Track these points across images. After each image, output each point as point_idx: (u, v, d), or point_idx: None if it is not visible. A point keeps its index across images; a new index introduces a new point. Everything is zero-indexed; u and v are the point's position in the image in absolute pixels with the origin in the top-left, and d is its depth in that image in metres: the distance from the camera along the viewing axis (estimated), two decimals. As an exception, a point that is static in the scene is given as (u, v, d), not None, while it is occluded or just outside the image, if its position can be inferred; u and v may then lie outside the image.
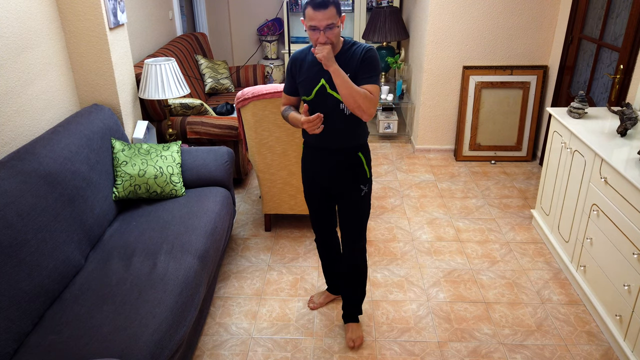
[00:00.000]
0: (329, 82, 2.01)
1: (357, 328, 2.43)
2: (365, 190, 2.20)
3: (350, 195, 2.19)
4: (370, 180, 2.21)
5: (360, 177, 2.17)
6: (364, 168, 2.17)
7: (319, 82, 2.03)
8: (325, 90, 2.03)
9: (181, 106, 3.55)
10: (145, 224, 2.49)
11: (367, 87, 1.97)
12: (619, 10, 3.14)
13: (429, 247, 3.14)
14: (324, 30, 1.89)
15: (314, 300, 2.63)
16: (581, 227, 2.63)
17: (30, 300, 1.86)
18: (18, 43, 2.33)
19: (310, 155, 2.23)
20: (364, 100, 1.92)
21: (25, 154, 2.15)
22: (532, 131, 4.25)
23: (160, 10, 4.55)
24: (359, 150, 2.14)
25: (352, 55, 1.99)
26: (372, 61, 1.99)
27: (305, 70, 2.07)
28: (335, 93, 2.01)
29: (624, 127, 2.53)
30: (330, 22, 1.87)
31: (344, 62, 1.98)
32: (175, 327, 1.91)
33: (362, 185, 2.18)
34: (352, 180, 2.16)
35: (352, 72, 1.98)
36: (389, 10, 4.74)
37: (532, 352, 2.33)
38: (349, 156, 2.13)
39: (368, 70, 1.99)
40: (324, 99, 2.04)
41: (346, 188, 2.18)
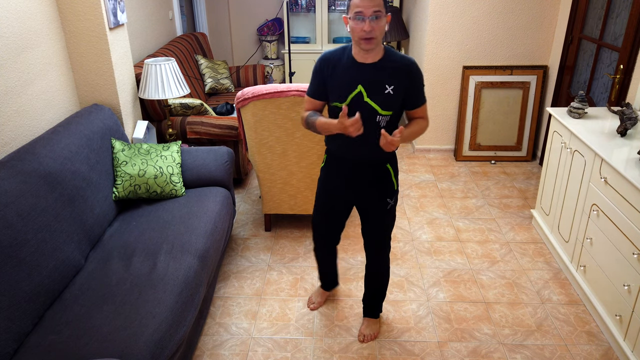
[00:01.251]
0: (367, 90, 1.87)
1: (374, 324, 2.44)
2: (391, 204, 2.11)
3: (376, 209, 2.11)
4: (396, 192, 2.11)
5: (388, 190, 2.07)
6: (391, 180, 2.07)
7: (355, 88, 1.88)
8: (362, 97, 1.88)
9: (181, 106, 3.55)
10: (145, 224, 2.49)
11: (420, 111, 1.96)
12: (619, 10, 3.14)
13: (429, 247, 3.14)
14: (369, 19, 1.74)
15: (313, 301, 2.63)
16: (581, 227, 2.63)
17: (30, 300, 1.86)
18: (18, 43, 2.33)
19: (334, 166, 2.11)
20: (423, 131, 1.97)
21: (25, 154, 2.15)
22: (532, 131, 4.25)
23: (160, 10, 4.55)
24: (387, 162, 2.04)
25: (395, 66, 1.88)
26: (420, 80, 1.93)
27: (340, 73, 1.91)
28: (373, 102, 1.88)
29: (624, 127, 2.53)
30: (377, 9, 1.73)
31: (387, 72, 1.87)
32: (175, 327, 1.91)
33: (389, 198, 2.09)
34: (378, 193, 2.07)
35: (397, 85, 1.87)
36: (389, 10, 4.74)
37: (532, 352, 2.33)
38: (378, 169, 2.03)
39: (417, 92, 1.93)
40: (359, 107, 1.89)
41: (372, 201, 2.10)
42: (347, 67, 1.90)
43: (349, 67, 1.90)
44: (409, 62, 1.89)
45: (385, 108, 1.90)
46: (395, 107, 1.92)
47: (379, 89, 1.87)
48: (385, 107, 1.90)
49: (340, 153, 2.05)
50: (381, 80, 1.87)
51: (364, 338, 2.39)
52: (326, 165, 2.16)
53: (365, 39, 1.79)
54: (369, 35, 1.77)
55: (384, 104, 1.89)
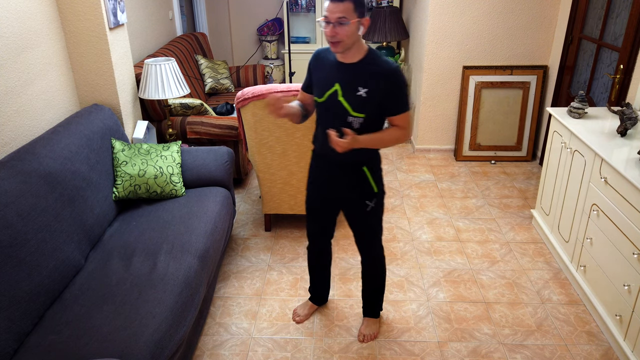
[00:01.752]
0: (343, 88, 1.89)
1: (373, 324, 2.44)
2: (372, 206, 2.08)
3: (355, 211, 2.11)
4: (378, 194, 2.09)
5: (365, 192, 2.06)
6: (369, 183, 2.05)
7: (332, 86, 1.91)
8: (336, 96, 1.90)
9: (181, 106, 3.55)
10: (145, 224, 2.49)
11: (398, 119, 1.91)
12: (619, 10, 3.14)
13: (429, 247, 3.14)
14: (333, 24, 1.76)
15: (298, 314, 2.55)
16: (581, 227, 2.63)
17: (30, 300, 1.86)
18: (18, 43, 2.33)
19: (316, 164, 2.14)
20: (397, 141, 1.94)
21: (25, 154, 2.15)
22: (532, 131, 4.25)
23: (160, 10, 4.55)
24: (364, 165, 2.03)
25: (374, 71, 1.86)
26: (400, 87, 1.87)
27: (323, 70, 1.96)
28: (345, 102, 1.89)
29: (624, 127, 2.53)
30: (341, 15, 1.74)
31: (363, 74, 1.86)
32: (175, 327, 1.91)
33: (368, 200, 2.07)
34: (357, 196, 2.07)
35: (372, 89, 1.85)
36: (389, 10, 4.74)
37: (532, 352, 2.33)
38: (353, 170, 2.03)
39: (396, 99, 1.88)
40: (334, 105, 1.92)
41: (350, 203, 2.11)
42: (330, 65, 1.95)
43: (332, 65, 1.94)
44: (390, 67, 1.86)
45: (357, 110, 1.89)
46: (369, 110, 1.89)
47: (352, 90, 1.88)
48: (357, 108, 1.89)
49: (320, 152, 2.09)
50: (356, 81, 1.87)
51: (363, 338, 2.39)
52: (311, 163, 2.20)
53: (331, 43, 1.82)
54: (332, 39, 1.80)
55: (355, 105, 1.89)
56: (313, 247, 2.41)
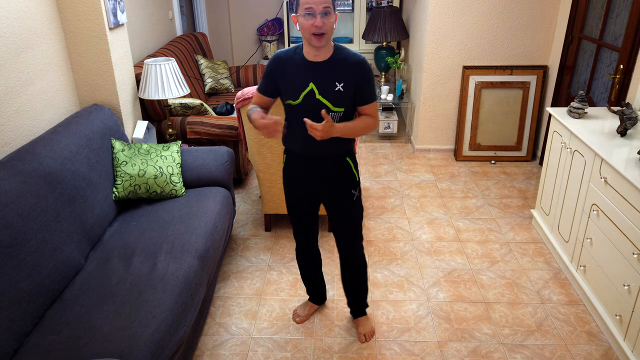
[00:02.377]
0: (318, 87, 1.92)
1: (367, 321, 2.44)
2: (357, 194, 2.16)
3: (342, 202, 2.15)
4: (359, 183, 2.18)
5: (350, 182, 2.13)
6: (352, 172, 2.12)
7: (307, 86, 1.92)
8: (313, 95, 1.93)
9: (181, 106, 3.55)
10: (145, 224, 2.49)
11: (368, 108, 1.98)
12: (619, 10, 3.14)
13: (429, 247, 3.14)
14: (320, 15, 1.78)
15: (298, 314, 2.55)
16: (581, 227, 2.63)
17: (30, 300, 1.86)
18: (18, 43, 2.33)
19: (294, 164, 2.13)
20: (368, 129, 1.99)
21: (25, 154, 2.15)
22: (532, 131, 4.25)
23: (160, 10, 4.55)
24: (346, 156, 2.10)
25: (344, 64, 1.92)
26: (370, 77, 1.96)
27: (291, 72, 1.95)
28: (324, 99, 1.93)
29: (624, 127, 2.53)
30: (327, 5, 1.78)
31: (336, 70, 1.91)
32: (175, 327, 1.91)
33: (353, 189, 2.14)
34: (343, 186, 2.12)
35: (347, 82, 1.92)
36: (389, 10, 4.74)
37: (532, 352, 2.33)
38: (338, 162, 2.09)
39: (368, 88, 1.96)
40: (312, 105, 1.94)
41: (337, 195, 2.14)
42: (299, 66, 1.94)
43: (300, 66, 1.94)
44: (359, 58, 1.93)
45: (337, 105, 1.95)
46: (346, 103, 1.96)
47: (329, 86, 1.92)
48: (337, 104, 1.95)
49: (299, 151, 2.08)
50: (332, 77, 1.91)
51: (364, 338, 2.39)
52: (287, 165, 2.17)
53: (316, 35, 1.82)
54: (319, 30, 1.80)
55: (335, 101, 1.94)
56: (301, 247, 2.40)
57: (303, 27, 1.83)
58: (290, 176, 2.19)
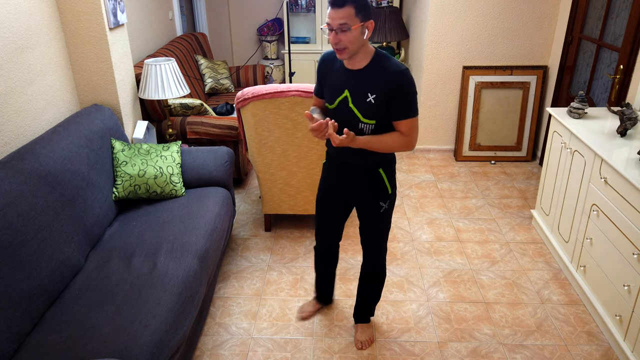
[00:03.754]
0: (352, 95, 1.86)
1: (367, 329, 2.42)
2: (385, 207, 2.08)
3: (369, 212, 2.10)
4: (392, 195, 2.08)
5: (380, 193, 2.05)
6: (384, 185, 2.04)
7: (342, 93, 1.89)
8: (347, 102, 1.88)
9: (181, 106, 3.55)
10: (145, 224, 2.49)
11: (402, 125, 1.84)
12: (619, 10, 3.14)
13: (429, 247, 3.14)
14: (336, 31, 1.73)
15: (304, 310, 2.57)
16: (581, 227, 2.63)
17: (30, 300, 1.86)
18: (18, 43, 2.33)
19: (330, 167, 2.14)
20: (398, 147, 1.87)
21: (25, 154, 2.15)
22: (532, 131, 4.25)
23: (160, 10, 4.55)
24: (380, 167, 2.02)
25: (380, 75, 1.81)
26: (408, 90, 1.80)
27: (332, 75, 1.93)
28: (356, 109, 1.87)
29: (624, 127, 2.53)
30: (343, 22, 1.70)
31: (370, 80, 1.82)
32: (175, 327, 1.91)
33: (382, 202, 2.06)
34: (372, 197, 2.06)
35: (380, 94, 1.81)
36: (389, 10, 4.74)
37: (532, 352, 2.33)
38: (368, 172, 2.02)
39: (402, 103, 1.81)
40: (345, 112, 1.90)
41: (365, 204, 2.10)
42: (338, 70, 1.92)
43: (339, 70, 1.91)
44: (397, 71, 1.80)
45: (367, 116, 1.87)
46: (378, 116, 1.86)
47: (361, 97, 1.85)
48: (367, 115, 1.87)
49: (333, 154, 2.08)
50: (364, 88, 1.84)
51: (361, 345, 2.37)
52: (325, 165, 2.20)
53: (337, 50, 1.79)
54: (337, 47, 1.77)
55: (365, 112, 1.86)
56: (320, 248, 2.41)
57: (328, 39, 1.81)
58: (326, 174, 2.20)
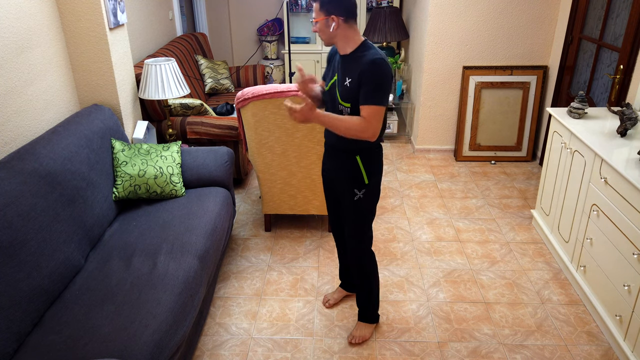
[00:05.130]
0: (338, 79, 2.03)
1: (365, 327, 2.42)
2: (360, 196, 2.12)
3: (345, 197, 2.18)
4: (369, 187, 2.12)
5: (356, 181, 2.11)
6: (360, 173, 2.10)
7: (334, 76, 2.05)
8: (335, 86, 2.04)
9: (181, 106, 3.55)
10: (145, 224, 2.49)
11: (364, 109, 1.91)
12: (619, 10, 3.14)
13: (429, 247, 3.14)
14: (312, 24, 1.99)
15: (328, 298, 2.64)
16: (581, 227, 2.63)
17: (30, 300, 1.86)
18: (18, 43, 2.33)
19: (325, 152, 2.28)
20: (355, 131, 1.91)
21: (25, 154, 2.15)
22: (532, 131, 4.25)
23: (160, 10, 4.55)
24: (357, 154, 2.08)
25: (359, 61, 1.93)
26: (373, 76, 1.89)
27: (332, 60, 2.11)
28: (337, 92, 2.03)
29: (624, 127, 2.53)
30: (314, 15, 1.97)
31: (349, 66, 1.97)
32: (175, 327, 1.91)
33: (357, 189, 2.12)
34: (347, 183, 2.13)
35: (354, 78, 1.94)
36: (389, 10, 4.74)
37: (532, 352, 2.33)
38: (347, 158, 2.11)
39: (368, 89, 1.90)
40: (333, 94, 2.07)
41: (341, 190, 2.19)
42: (337, 56, 2.09)
43: (337, 57, 2.08)
44: (372, 58, 1.90)
45: (344, 99, 2.00)
46: (353, 99, 1.98)
47: (343, 80, 2.00)
48: (344, 98, 2.00)
49: (325, 138, 2.21)
50: (346, 72, 1.98)
51: (352, 338, 2.38)
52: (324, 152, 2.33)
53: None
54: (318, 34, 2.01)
55: (343, 95, 2.00)
56: (333, 233, 2.50)
57: None
58: (323, 159, 2.32)
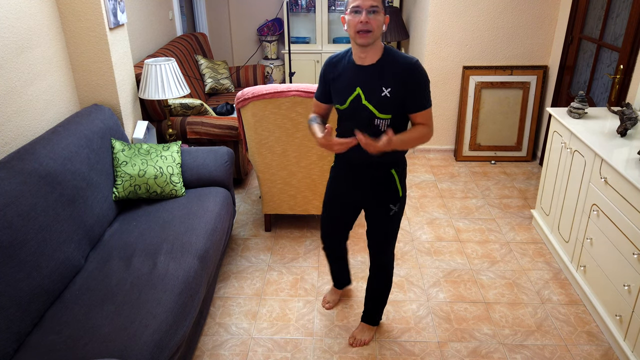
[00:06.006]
0: (365, 92, 1.85)
1: (368, 330, 2.41)
2: (395, 210, 2.05)
3: (379, 214, 2.07)
4: (402, 198, 2.05)
5: (391, 196, 2.02)
6: (396, 186, 2.02)
7: (354, 91, 1.87)
8: (360, 100, 1.86)
9: (181, 106, 3.55)
10: (145, 224, 2.49)
11: (421, 116, 1.85)
12: (619, 10, 3.14)
13: (429, 247, 3.14)
14: (366, 11, 1.71)
15: (328, 300, 2.62)
16: (581, 227, 2.63)
17: (30, 300, 1.86)
18: (18, 43, 2.33)
19: (341, 167, 2.12)
20: (424, 139, 1.87)
21: (25, 154, 2.15)
22: (532, 131, 4.25)
23: (160, 10, 4.55)
24: (392, 167, 1.99)
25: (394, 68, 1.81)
26: (422, 81, 1.81)
27: (341, 76, 1.91)
28: (371, 105, 1.85)
29: (624, 127, 2.53)
30: (374, 4, 1.71)
31: (384, 74, 1.82)
32: (175, 327, 1.91)
33: (392, 204, 2.04)
34: (382, 198, 2.03)
35: (395, 87, 1.81)
36: (389, 10, 4.74)
37: (532, 352, 2.33)
38: (381, 173, 2.00)
39: (419, 94, 1.82)
40: (358, 110, 1.89)
41: (375, 206, 2.07)
42: (348, 69, 1.90)
43: (349, 69, 1.89)
44: (410, 62, 1.81)
45: (383, 111, 1.86)
46: (394, 110, 1.86)
47: (376, 91, 1.84)
48: (383, 110, 1.85)
49: (345, 155, 2.03)
50: (378, 81, 1.83)
51: (353, 341, 2.37)
52: (335, 165, 2.17)
53: (361, 32, 1.74)
54: (365, 27, 1.73)
55: (380, 106, 1.85)
56: (326, 247, 2.43)
57: (350, 25, 1.77)
58: (335, 176, 2.17)
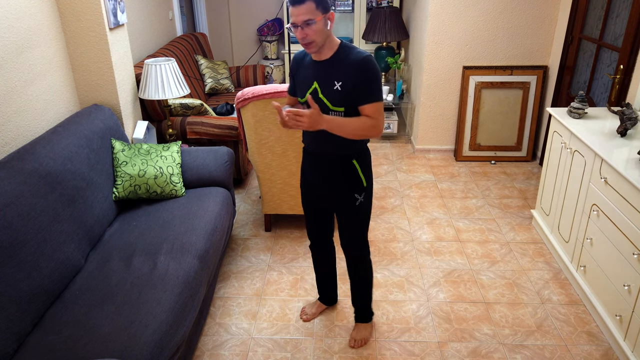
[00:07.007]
0: (321, 86, 1.93)
1: (364, 329, 2.41)
2: (361, 200, 2.10)
3: (345, 204, 2.11)
4: (367, 189, 2.10)
5: (355, 185, 2.07)
6: (359, 176, 2.06)
7: (311, 85, 1.95)
8: (317, 94, 1.95)
9: (181, 106, 3.55)
10: (145, 224, 2.49)
11: (367, 109, 1.88)
12: (619, 10, 3.14)
13: (429, 247, 3.14)
14: (301, 27, 1.80)
15: (306, 312, 2.56)
16: (581, 227, 2.63)
17: (30, 300, 1.86)
18: (18, 43, 2.33)
19: (306, 161, 2.17)
20: (366, 130, 1.89)
21: (25, 154, 2.15)
22: (532, 131, 4.25)
23: (160, 10, 4.55)
24: (353, 158, 2.04)
25: (346, 63, 1.88)
26: (371, 75, 1.87)
27: (302, 71, 2.01)
28: (325, 98, 1.93)
29: (624, 127, 2.53)
30: (307, 17, 1.78)
31: (336, 69, 1.89)
32: (175, 327, 1.91)
33: (357, 194, 2.08)
34: (346, 188, 2.08)
35: (345, 81, 1.88)
36: (389, 10, 4.74)
37: (532, 352, 2.33)
38: (342, 164, 2.04)
39: (367, 88, 1.87)
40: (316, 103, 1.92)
41: (340, 196, 2.11)
42: (308, 65, 2.00)
43: (309, 65, 1.99)
44: (360, 57, 1.86)
45: (335, 104, 1.93)
46: (345, 103, 1.91)
47: (329, 86, 1.92)
48: (335, 103, 1.92)
49: (309, 148, 2.12)
50: (331, 76, 1.91)
51: (354, 343, 2.37)
52: (302, 160, 2.22)
53: (305, 45, 1.85)
54: (305, 41, 1.83)
55: (333, 100, 1.92)
56: (314, 245, 2.41)
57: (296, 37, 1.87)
58: (303, 173, 2.23)
